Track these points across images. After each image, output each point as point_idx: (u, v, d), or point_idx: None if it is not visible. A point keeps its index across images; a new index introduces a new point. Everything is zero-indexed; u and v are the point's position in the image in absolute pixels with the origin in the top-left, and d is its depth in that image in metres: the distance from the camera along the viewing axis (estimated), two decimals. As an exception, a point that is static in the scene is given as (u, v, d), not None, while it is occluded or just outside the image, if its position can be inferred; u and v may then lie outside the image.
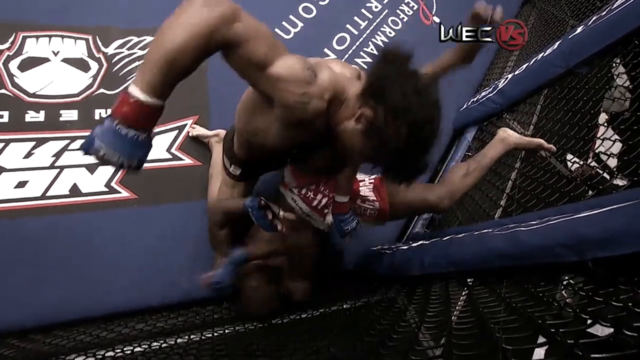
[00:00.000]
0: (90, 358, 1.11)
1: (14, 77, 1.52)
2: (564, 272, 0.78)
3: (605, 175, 1.43)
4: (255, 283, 1.31)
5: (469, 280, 1.07)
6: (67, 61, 1.60)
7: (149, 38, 1.72)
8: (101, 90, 1.60)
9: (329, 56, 1.99)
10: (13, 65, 1.53)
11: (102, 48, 1.66)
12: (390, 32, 2.17)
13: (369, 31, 2.13)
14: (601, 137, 1.23)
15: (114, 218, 1.46)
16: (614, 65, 1.39)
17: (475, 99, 2.02)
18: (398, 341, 0.86)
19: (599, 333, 0.62)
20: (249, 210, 1.10)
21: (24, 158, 1.44)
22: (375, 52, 2.08)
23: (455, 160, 1.97)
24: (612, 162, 1.39)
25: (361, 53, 2.07)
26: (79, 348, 1.16)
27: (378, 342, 0.85)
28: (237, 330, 1.35)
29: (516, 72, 1.73)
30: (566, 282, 0.79)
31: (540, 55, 1.58)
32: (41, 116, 1.50)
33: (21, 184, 1.41)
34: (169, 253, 1.48)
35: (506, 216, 1.46)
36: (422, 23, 2.23)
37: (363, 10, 2.18)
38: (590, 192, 1.27)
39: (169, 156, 1.60)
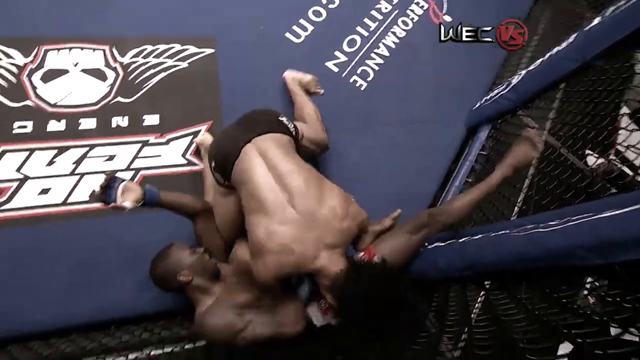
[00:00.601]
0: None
1: (37, 89, 1.58)
2: (587, 275, 0.75)
3: (626, 169, 1.37)
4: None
5: (486, 283, 1.05)
6: (86, 71, 1.66)
7: (163, 46, 1.76)
8: (118, 98, 1.65)
9: (339, 59, 2.00)
10: (36, 77, 1.59)
11: (118, 57, 1.71)
12: (400, 33, 2.15)
13: (379, 32, 2.13)
14: (625, 129, 1.17)
15: (132, 222, 1.49)
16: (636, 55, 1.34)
17: (488, 97, 1.99)
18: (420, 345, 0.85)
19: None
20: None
21: (47, 166, 1.50)
22: (385, 54, 2.07)
23: (468, 160, 1.94)
24: (632, 156, 1.33)
25: (372, 55, 2.06)
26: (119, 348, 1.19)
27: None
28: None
29: (530, 68, 1.70)
30: (589, 286, 0.76)
31: (555, 49, 1.54)
32: (62, 125, 1.56)
33: (44, 191, 1.46)
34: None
35: (522, 215, 1.42)
36: (433, 23, 2.20)
37: (373, 11, 2.17)
38: (610, 189, 1.23)
39: (184, 161, 1.64)
